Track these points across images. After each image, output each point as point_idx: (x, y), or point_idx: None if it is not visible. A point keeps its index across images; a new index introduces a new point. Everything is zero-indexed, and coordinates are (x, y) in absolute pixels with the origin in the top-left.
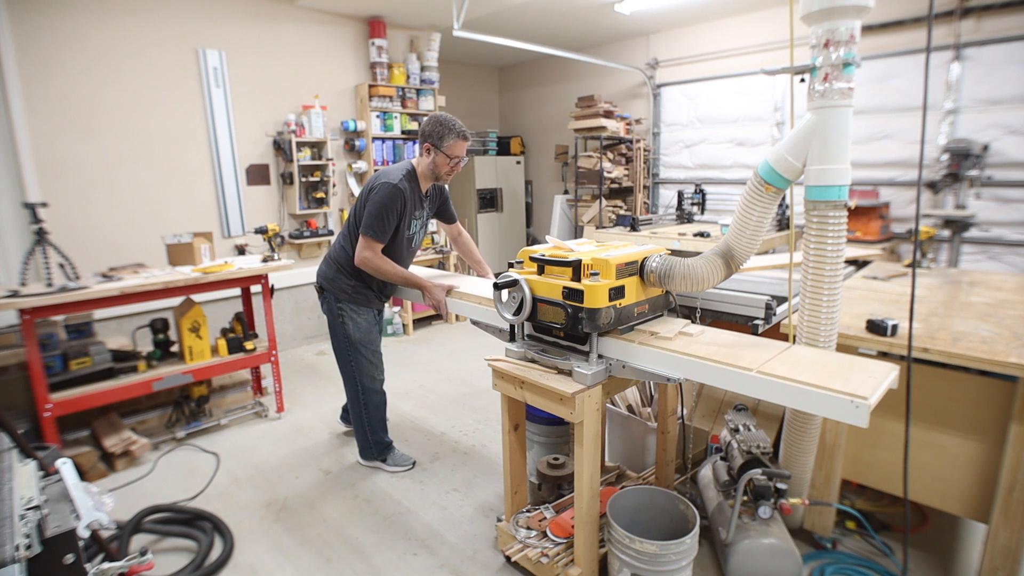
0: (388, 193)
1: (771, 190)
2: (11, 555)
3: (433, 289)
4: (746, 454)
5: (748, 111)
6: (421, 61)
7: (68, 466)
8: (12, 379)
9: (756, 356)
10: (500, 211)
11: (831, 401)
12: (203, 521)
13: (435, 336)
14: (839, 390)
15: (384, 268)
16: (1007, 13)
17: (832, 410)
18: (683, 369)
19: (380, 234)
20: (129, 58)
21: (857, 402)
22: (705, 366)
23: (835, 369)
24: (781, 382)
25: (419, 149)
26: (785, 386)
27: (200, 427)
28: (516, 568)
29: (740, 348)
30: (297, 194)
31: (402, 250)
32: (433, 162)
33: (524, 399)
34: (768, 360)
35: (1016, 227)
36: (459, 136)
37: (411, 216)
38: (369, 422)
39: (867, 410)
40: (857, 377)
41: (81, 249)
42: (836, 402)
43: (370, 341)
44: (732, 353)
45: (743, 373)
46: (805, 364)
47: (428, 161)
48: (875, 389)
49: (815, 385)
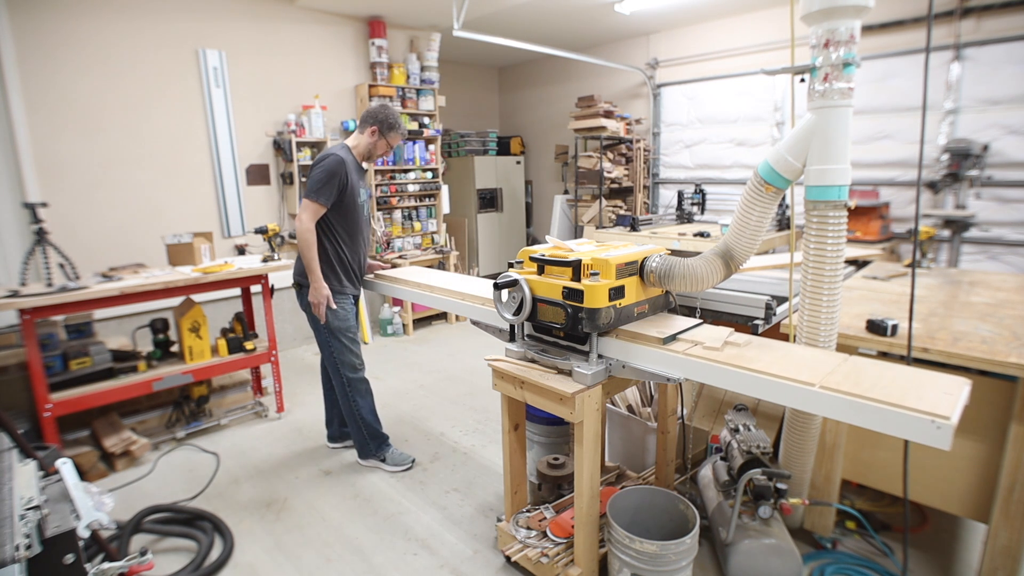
0: (332, 160)
1: (771, 190)
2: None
3: (319, 287)
4: (746, 454)
5: (748, 111)
6: (421, 61)
7: (68, 466)
8: (12, 379)
9: (815, 369)
10: (500, 211)
11: (909, 421)
12: (203, 521)
13: (435, 336)
14: (917, 409)
15: (306, 238)
16: (1007, 13)
17: (910, 431)
18: (735, 383)
19: (321, 197)
20: (129, 58)
21: (939, 422)
22: (761, 380)
23: (903, 384)
24: (850, 399)
25: (361, 128)
26: (855, 404)
27: (200, 427)
28: (516, 568)
29: (793, 360)
30: (297, 194)
31: (358, 218)
32: (374, 144)
33: (524, 399)
34: (829, 373)
35: (1016, 227)
36: (403, 134)
37: (356, 184)
38: (360, 414)
39: (950, 431)
40: (930, 394)
41: (81, 249)
42: (915, 422)
43: (348, 328)
44: (788, 366)
45: (804, 389)
46: (869, 378)
47: (369, 142)
48: (954, 407)
49: (889, 403)
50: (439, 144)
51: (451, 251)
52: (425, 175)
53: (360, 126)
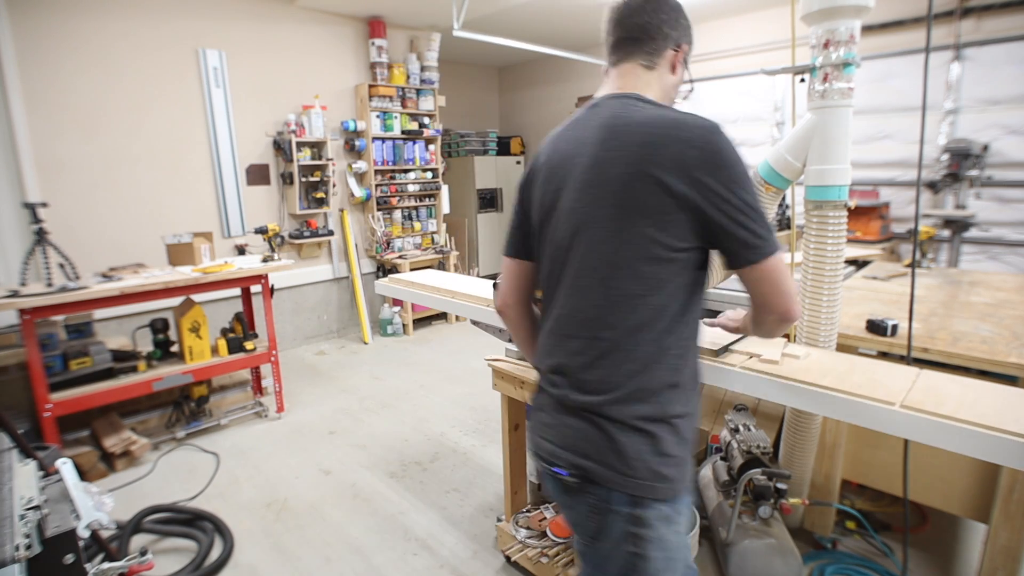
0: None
1: (771, 190)
2: (11, 555)
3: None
4: (746, 454)
5: (748, 111)
6: (421, 61)
7: (68, 466)
8: (12, 379)
9: (888, 385)
10: (500, 211)
11: (1014, 447)
12: (203, 521)
13: (435, 336)
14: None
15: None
16: (1007, 13)
17: (1016, 458)
18: (801, 399)
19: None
20: (129, 58)
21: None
22: (832, 397)
23: (993, 403)
24: (939, 421)
25: (654, 59)
26: (945, 426)
27: (200, 427)
28: (516, 568)
29: (862, 374)
30: (297, 194)
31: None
32: (679, 79)
33: (524, 399)
34: (907, 390)
35: (1016, 227)
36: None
37: None
38: None
39: None
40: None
41: (81, 249)
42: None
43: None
44: (859, 381)
45: (885, 408)
46: (952, 396)
47: (676, 79)
48: None
49: (987, 427)
50: (439, 144)
51: (451, 251)
52: (425, 175)
53: (652, 49)
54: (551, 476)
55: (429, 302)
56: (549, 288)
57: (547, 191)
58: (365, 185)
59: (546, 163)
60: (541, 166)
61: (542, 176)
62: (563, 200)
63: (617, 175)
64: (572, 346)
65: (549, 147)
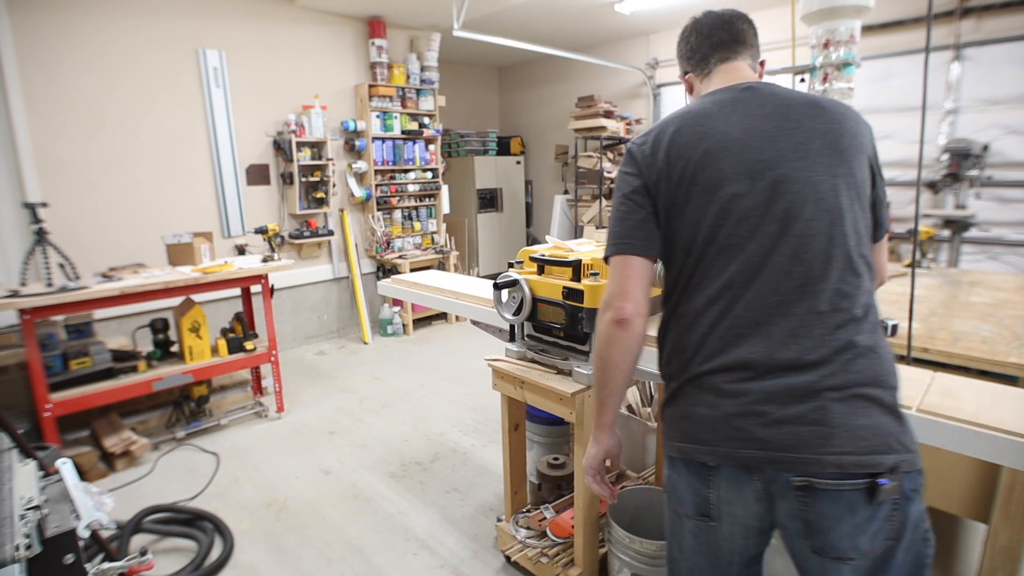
0: None
1: None
2: (11, 555)
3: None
4: None
5: None
6: (421, 61)
7: (68, 466)
8: (12, 379)
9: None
10: (500, 211)
11: None
12: (203, 521)
13: (435, 336)
14: None
15: None
16: (1007, 13)
17: None
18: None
19: None
20: (129, 58)
21: None
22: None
23: (1013, 406)
24: (960, 426)
25: (754, 65)
26: (966, 431)
27: (200, 427)
28: (516, 568)
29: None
30: (297, 194)
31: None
32: None
33: (524, 399)
34: (923, 394)
35: (1016, 227)
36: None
37: None
38: None
39: None
40: None
41: (81, 249)
42: None
43: None
44: (975, 410)
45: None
46: (969, 399)
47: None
48: None
49: (1011, 432)
50: (439, 144)
51: (451, 251)
52: (425, 175)
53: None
54: (848, 491)
55: (432, 303)
56: (726, 276)
57: (735, 173)
58: (365, 185)
59: (724, 146)
60: (716, 150)
61: (727, 159)
62: (776, 177)
63: (847, 147)
64: (801, 333)
65: (707, 130)
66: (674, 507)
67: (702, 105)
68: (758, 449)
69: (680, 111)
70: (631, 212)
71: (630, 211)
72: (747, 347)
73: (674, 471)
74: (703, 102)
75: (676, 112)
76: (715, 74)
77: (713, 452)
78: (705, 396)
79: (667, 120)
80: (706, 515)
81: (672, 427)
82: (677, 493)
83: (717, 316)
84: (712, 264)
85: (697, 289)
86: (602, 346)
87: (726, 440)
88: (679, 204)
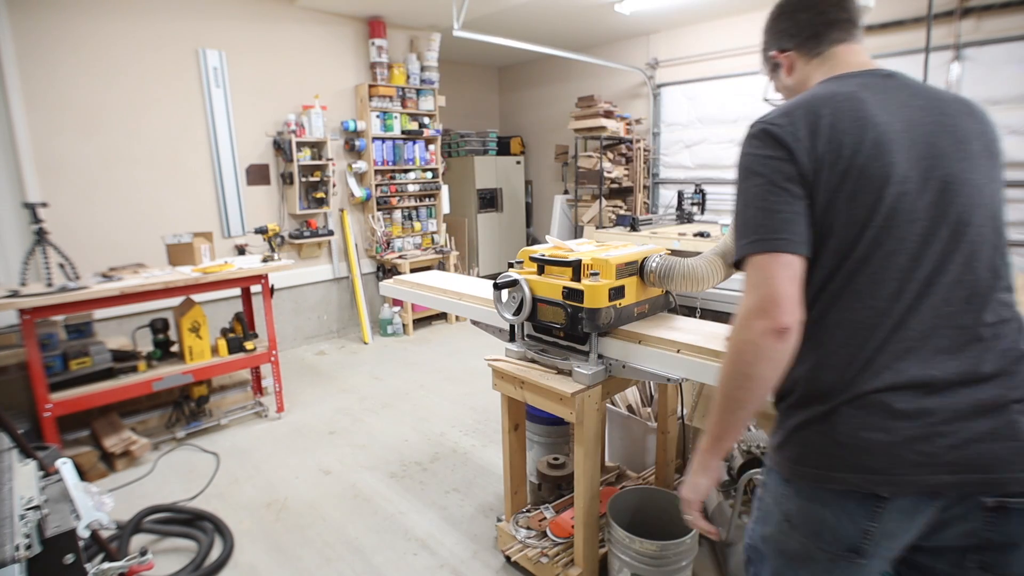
0: None
1: None
2: (11, 555)
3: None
4: (746, 454)
5: (748, 111)
6: (421, 61)
7: (68, 466)
8: (12, 379)
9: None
10: (500, 211)
11: None
12: (203, 521)
13: (435, 336)
14: None
15: None
16: (1007, 13)
17: None
18: None
19: None
20: (129, 58)
21: None
22: None
23: None
24: None
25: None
26: None
27: (200, 427)
28: (516, 568)
29: None
30: (297, 194)
31: None
32: None
33: (524, 399)
34: None
35: (1016, 227)
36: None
37: None
38: None
39: None
40: None
41: (81, 249)
42: None
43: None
44: None
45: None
46: None
47: None
48: None
49: None
50: (439, 144)
51: (451, 251)
52: (425, 175)
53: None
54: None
55: (434, 303)
56: (894, 284)
57: (905, 168)
58: (365, 185)
59: (890, 137)
60: (883, 141)
61: (897, 152)
62: (944, 178)
63: (997, 151)
64: (966, 341)
65: (869, 117)
66: (810, 544)
67: (845, 88)
68: (948, 473)
69: (819, 92)
70: (783, 202)
71: (782, 201)
72: (920, 363)
73: (819, 503)
74: (844, 85)
75: (814, 93)
76: (831, 56)
77: (892, 481)
78: (873, 419)
79: (807, 101)
80: (857, 551)
81: (821, 455)
82: (822, 528)
83: (888, 329)
84: (878, 270)
85: (856, 297)
86: (748, 361)
87: (910, 467)
88: (841, 198)
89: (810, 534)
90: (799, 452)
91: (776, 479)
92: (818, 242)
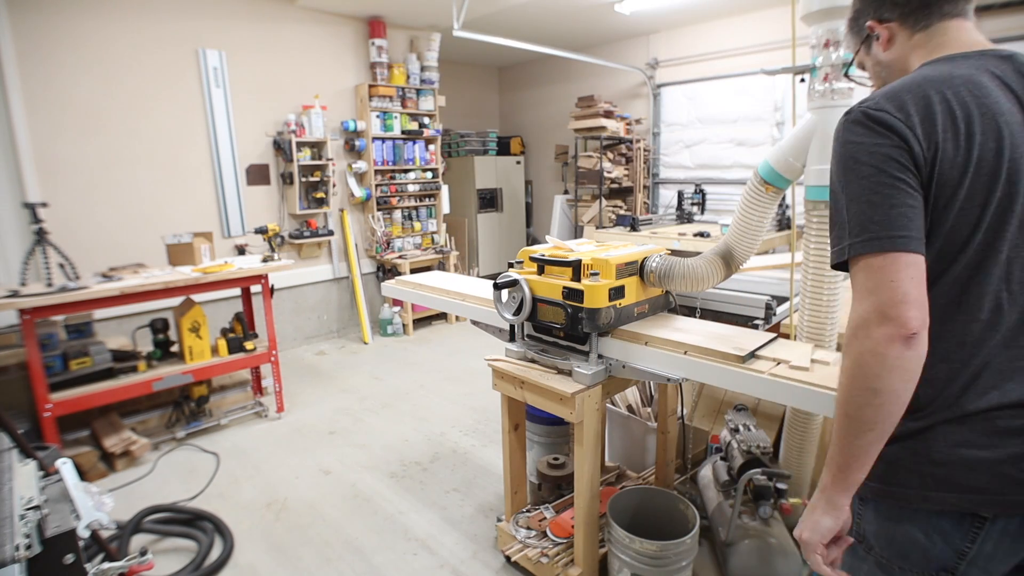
0: None
1: (771, 190)
2: (11, 555)
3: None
4: (746, 454)
5: (748, 111)
6: (421, 61)
7: (68, 466)
8: (12, 379)
9: None
10: (500, 211)
11: None
12: (203, 521)
13: (435, 336)
14: None
15: None
16: (1007, 13)
17: None
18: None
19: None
20: (129, 58)
21: None
22: None
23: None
24: None
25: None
26: None
27: (200, 427)
28: (516, 568)
29: None
30: (297, 194)
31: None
32: None
33: (524, 399)
34: None
35: None
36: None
37: None
38: None
39: None
40: None
41: (81, 249)
42: None
43: None
44: None
45: None
46: None
47: None
48: None
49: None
50: (439, 144)
51: (451, 251)
52: (425, 175)
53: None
54: None
55: (435, 303)
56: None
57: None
58: (365, 185)
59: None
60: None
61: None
62: None
63: None
64: None
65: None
66: (891, 566)
67: (961, 71)
68: None
69: (929, 74)
70: (899, 195)
71: (898, 193)
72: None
73: (907, 523)
74: (959, 67)
75: (924, 75)
76: (939, 31)
77: (996, 501)
78: (974, 436)
79: (916, 84)
80: (950, 572)
81: (912, 473)
82: (910, 549)
83: (997, 345)
84: (987, 280)
85: (961, 308)
86: (874, 374)
87: (1016, 486)
88: (959, 196)
89: (895, 555)
90: (881, 470)
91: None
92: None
